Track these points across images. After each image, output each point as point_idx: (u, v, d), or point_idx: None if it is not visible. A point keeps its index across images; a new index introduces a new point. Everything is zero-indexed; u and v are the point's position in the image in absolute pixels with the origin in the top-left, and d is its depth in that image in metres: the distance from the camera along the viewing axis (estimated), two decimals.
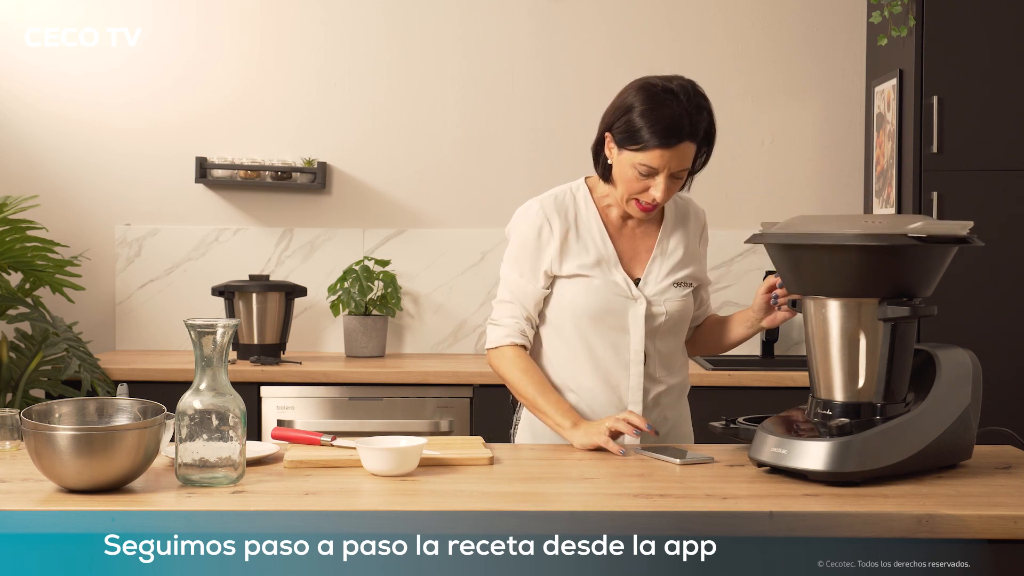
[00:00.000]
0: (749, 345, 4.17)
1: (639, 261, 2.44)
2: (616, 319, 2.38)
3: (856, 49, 4.21)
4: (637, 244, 2.45)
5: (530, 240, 2.40)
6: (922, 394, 2.09)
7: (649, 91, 2.31)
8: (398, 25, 4.22)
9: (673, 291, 2.42)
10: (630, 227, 2.45)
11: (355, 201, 4.23)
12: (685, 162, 2.29)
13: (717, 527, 1.81)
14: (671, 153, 2.26)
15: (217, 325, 1.97)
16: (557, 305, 2.41)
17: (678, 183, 2.33)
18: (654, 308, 2.39)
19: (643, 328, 2.39)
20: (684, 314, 2.45)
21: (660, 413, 2.45)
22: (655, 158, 2.26)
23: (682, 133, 2.26)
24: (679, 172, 2.30)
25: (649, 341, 2.40)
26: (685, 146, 2.27)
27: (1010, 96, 3.66)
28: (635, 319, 2.39)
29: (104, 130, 4.22)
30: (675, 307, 2.42)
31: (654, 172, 2.28)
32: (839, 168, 4.24)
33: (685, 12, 4.23)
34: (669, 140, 2.25)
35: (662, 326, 2.41)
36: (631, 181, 2.31)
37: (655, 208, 2.34)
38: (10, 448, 2.25)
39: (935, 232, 2.00)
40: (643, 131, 2.26)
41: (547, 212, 2.39)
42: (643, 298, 2.39)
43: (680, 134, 2.26)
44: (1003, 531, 1.80)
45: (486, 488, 1.97)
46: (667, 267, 2.43)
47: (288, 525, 1.80)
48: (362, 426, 3.62)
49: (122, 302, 4.21)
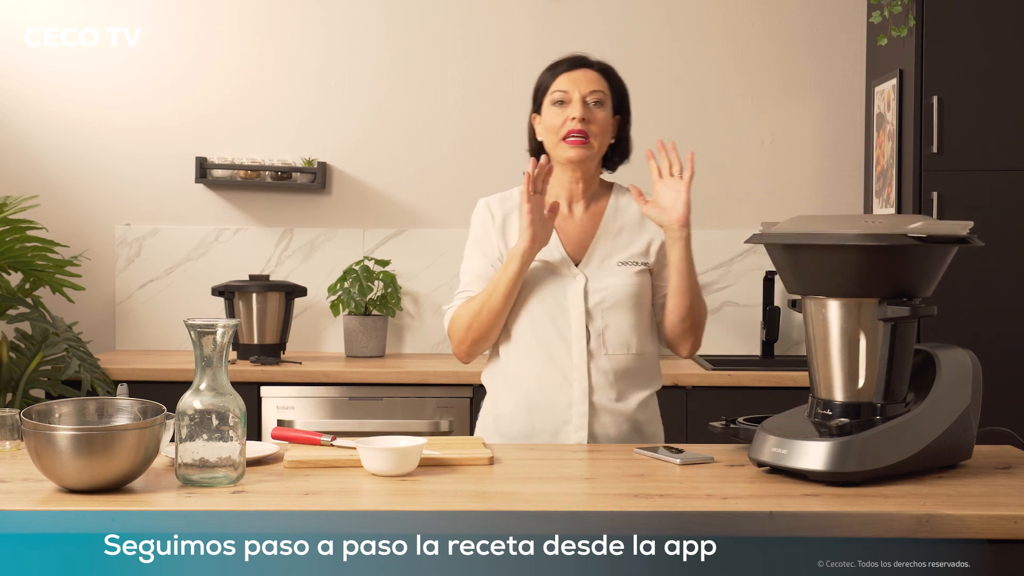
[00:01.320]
0: (749, 345, 4.17)
1: (583, 247, 2.49)
2: (556, 297, 2.43)
3: (856, 49, 4.21)
4: (584, 232, 2.50)
5: (476, 230, 2.54)
6: (922, 394, 2.09)
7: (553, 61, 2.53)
8: (398, 25, 4.23)
9: (617, 268, 2.45)
10: (576, 216, 2.51)
11: (355, 201, 4.23)
12: (593, 86, 2.44)
13: (717, 527, 1.81)
14: (576, 75, 2.44)
15: (217, 325, 1.97)
16: None
17: (596, 113, 2.43)
18: (592, 284, 2.43)
19: (582, 305, 2.42)
20: (630, 292, 2.44)
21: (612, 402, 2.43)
22: (562, 82, 2.44)
23: (582, 62, 2.47)
24: (591, 96, 2.43)
25: (590, 319, 2.42)
26: (589, 73, 2.46)
27: (1010, 96, 3.66)
28: (573, 296, 2.43)
29: (104, 130, 4.22)
30: (617, 282, 2.43)
31: (567, 97, 2.43)
32: (839, 168, 4.24)
33: (685, 12, 4.23)
34: (571, 65, 2.46)
35: (603, 303, 2.42)
36: (552, 119, 2.44)
37: (586, 140, 2.42)
38: (10, 448, 2.25)
39: (935, 232, 2.00)
40: (546, 75, 2.49)
41: (490, 205, 2.54)
42: (581, 275, 2.44)
43: (578, 61, 2.47)
44: (1003, 531, 1.80)
45: (486, 488, 1.97)
46: (611, 247, 2.47)
47: (288, 525, 1.80)
48: (362, 426, 3.62)
49: (122, 302, 4.21)
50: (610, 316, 2.43)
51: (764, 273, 4.00)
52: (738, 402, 3.52)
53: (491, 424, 2.51)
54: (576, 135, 2.41)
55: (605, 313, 2.43)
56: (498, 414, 2.49)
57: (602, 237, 2.48)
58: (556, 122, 2.43)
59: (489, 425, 2.52)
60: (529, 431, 2.43)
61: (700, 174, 4.22)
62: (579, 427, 2.41)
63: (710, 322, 4.19)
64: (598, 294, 2.43)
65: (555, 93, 2.44)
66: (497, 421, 2.49)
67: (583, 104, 2.41)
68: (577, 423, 2.41)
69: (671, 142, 2.47)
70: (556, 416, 2.42)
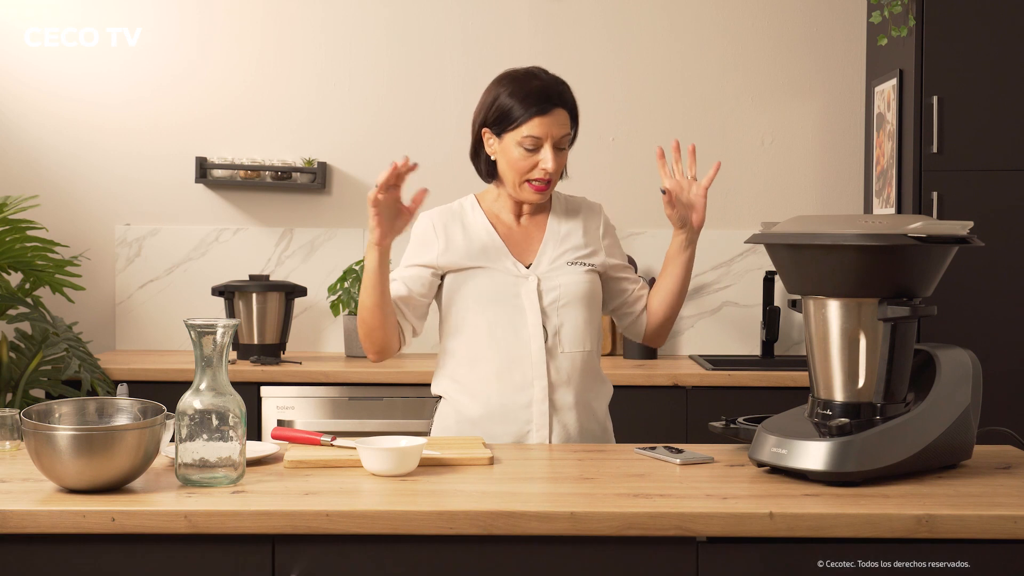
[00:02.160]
0: (749, 345, 4.17)
1: (531, 252, 2.49)
2: (510, 299, 2.42)
3: (856, 49, 4.21)
4: (530, 238, 2.50)
5: (415, 241, 2.51)
6: (922, 394, 2.09)
7: (511, 76, 2.45)
8: (398, 25, 4.23)
9: (567, 268, 2.46)
10: (521, 227, 2.51)
11: (355, 201, 4.23)
12: (564, 129, 2.40)
13: (717, 527, 1.81)
14: (550, 119, 2.37)
15: (217, 325, 1.97)
16: (457, 301, 2.46)
17: (563, 156, 2.42)
18: (545, 284, 2.44)
19: (537, 304, 2.42)
20: (584, 290, 2.45)
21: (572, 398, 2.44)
22: (535, 127, 2.36)
23: (553, 99, 2.38)
24: (560, 141, 2.39)
25: (546, 317, 2.42)
26: (559, 113, 2.39)
27: (1010, 96, 3.66)
28: (528, 295, 2.42)
29: (104, 130, 4.22)
30: (569, 280, 2.45)
31: (539, 143, 2.38)
32: (839, 168, 4.24)
33: (685, 12, 4.23)
34: (543, 106, 2.37)
35: (558, 301, 2.43)
36: (519, 161, 2.39)
37: (548, 187, 2.41)
38: (10, 448, 2.25)
39: (935, 232, 2.00)
40: (516, 107, 2.38)
41: (432, 218, 2.51)
42: (533, 276, 2.45)
43: (551, 100, 2.38)
44: (1003, 531, 1.81)
45: (486, 488, 1.97)
46: (559, 250, 2.48)
47: (288, 525, 1.80)
48: (362, 426, 3.62)
49: (122, 302, 4.21)
50: (565, 313, 2.44)
51: (764, 273, 4.06)
52: (738, 402, 3.52)
53: (453, 429, 2.48)
54: (541, 182, 2.40)
55: (560, 311, 2.44)
56: (460, 419, 2.46)
57: (549, 241, 2.49)
58: (523, 166, 2.39)
59: (451, 429, 2.48)
60: (491, 435, 2.42)
61: (701, 174, 4.24)
62: (540, 426, 2.41)
63: (710, 322, 4.22)
64: (552, 292, 2.44)
65: (527, 138, 2.37)
66: (460, 426, 2.47)
67: (554, 151, 2.38)
68: (538, 422, 2.41)
69: (690, 145, 2.49)
70: (518, 416, 2.42)
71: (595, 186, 4.07)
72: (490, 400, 2.42)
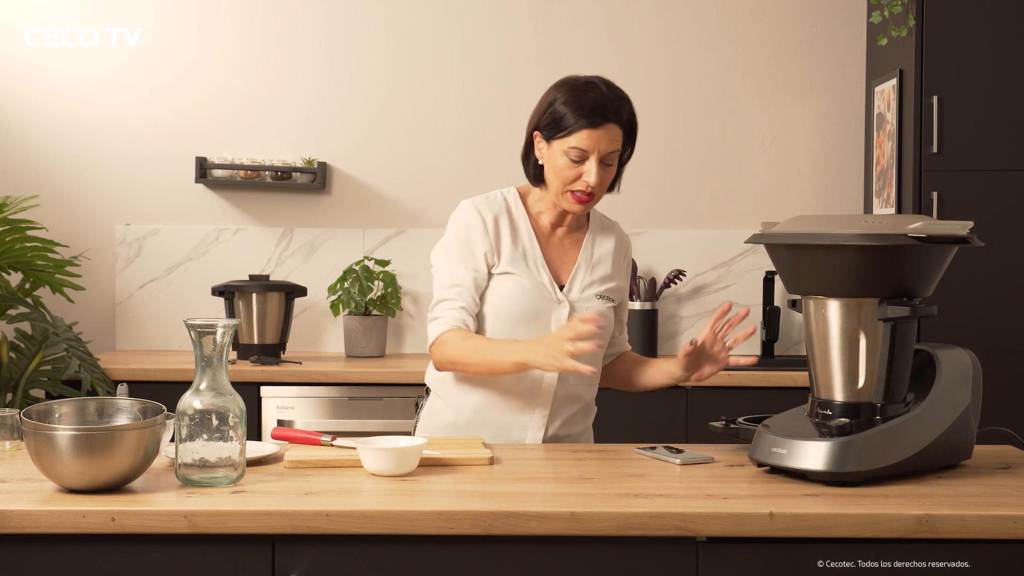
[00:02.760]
0: (749, 345, 4.17)
1: (564, 270, 2.45)
2: (540, 322, 2.38)
3: (856, 49, 4.21)
4: (564, 254, 2.46)
5: (464, 235, 2.40)
6: (922, 394, 2.09)
7: (570, 84, 2.38)
8: (398, 25, 4.23)
9: (596, 302, 2.43)
10: (558, 236, 2.47)
11: (355, 201, 4.23)
12: (614, 145, 2.34)
13: (717, 527, 1.81)
14: (599, 133, 2.31)
15: (217, 325, 1.97)
16: (489, 306, 2.41)
17: (609, 171, 2.36)
18: (575, 314, 2.38)
19: None
20: (607, 326, 2.43)
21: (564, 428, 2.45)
22: (583, 139, 2.31)
23: (607, 114, 2.32)
24: (608, 156, 2.34)
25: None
26: (611, 128, 2.33)
27: (1010, 96, 3.66)
28: (557, 323, 2.38)
29: (104, 130, 4.22)
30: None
31: (585, 156, 2.32)
32: (839, 168, 4.24)
33: (685, 12, 4.23)
34: (595, 119, 2.31)
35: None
36: (563, 170, 2.34)
37: (591, 199, 2.36)
38: (10, 448, 2.24)
39: (935, 232, 2.00)
40: (568, 116, 2.32)
41: (480, 209, 2.42)
42: (567, 302, 2.41)
43: (605, 114, 2.32)
44: (1003, 531, 1.81)
45: (486, 488, 1.97)
46: (590, 278, 2.45)
47: (288, 525, 1.80)
48: (362, 426, 3.62)
49: (122, 302, 4.21)
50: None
51: (764, 273, 4.06)
52: (738, 402, 3.52)
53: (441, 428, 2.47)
54: (583, 194, 2.35)
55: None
56: (449, 419, 2.46)
57: (582, 265, 2.46)
58: (567, 176, 2.34)
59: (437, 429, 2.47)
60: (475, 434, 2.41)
61: (701, 174, 4.24)
62: (533, 439, 2.41)
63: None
64: None
65: (573, 149, 2.31)
66: (446, 429, 2.46)
67: (599, 166, 2.32)
68: (532, 437, 2.41)
69: (744, 309, 2.40)
70: (509, 434, 2.41)
71: None
72: (488, 415, 2.41)
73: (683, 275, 4.11)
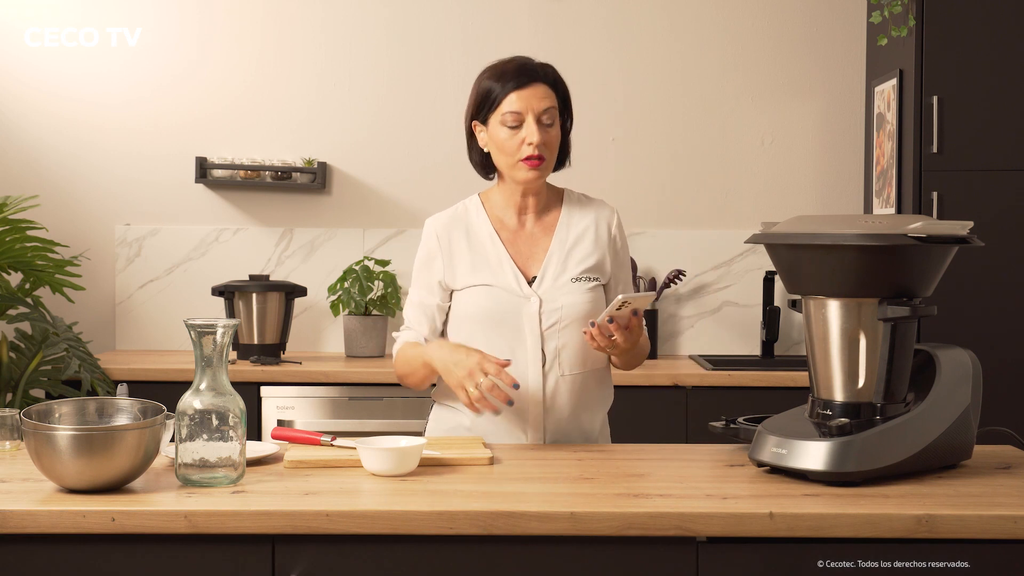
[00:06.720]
0: (749, 345, 4.17)
1: (536, 261, 2.43)
2: (511, 321, 2.37)
3: (856, 49, 4.21)
4: (535, 246, 2.44)
5: (422, 257, 2.47)
6: (922, 394, 2.09)
7: (491, 65, 2.43)
8: (398, 25, 4.23)
9: (570, 286, 2.40)
10: (528, 228, 2.45)
11: (355, 201, 4.23)
12: (546, 102, 2.36)
13: (717, 527, 1.81)
14: (527, 92, 2.34)
15: (217, 325, 1.97)
16: (457, 318, 2.42)
17: (551, 133, 2.37)
18: (547, 306, 2.38)
19: (538, 328, 2.37)
20: (584, 310, 2.39)
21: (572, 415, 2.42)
22: (514, 101, 2.34)
23: (532, 73, 2.36)
24: (544, 115, 2.35)
25: (545, 341, 2.37)
26: (539, 87, 2.36)
27: (1010, 96, 3.66)
28: (529, 319, 2.37)
29: (104, 130, 4.22)
30: (571, 301, 2.39)
31: (520, 118, 2.35)
32: (839, 168, 4.24)
33: (685, 12, 4.23)
34: (521, 79, 2.35)
35: (558, 324, 2.38)
36: (506, 141, 2.36)
37: (541, 162, 2.36)
38: (10, 448, 2.25)
39: (935, 232, 2.00)
40: (495, 87, 2.37)
41: (436, 230, 2.46)
42: (535, 296, 2.39)
43: (530, 74, 2.36)
44: (1003, 531, 1.81)
45: (486, 488, 1.97)
46: (564, 263, 2.42)
47: (288, 525, 1.80)
48: (362, 426, 3.62)
49: (122, 302, 4.21)
50: (565, 335, 2.38)
51: (764, 273, 4.06)
52: (738, 402, 3.52)
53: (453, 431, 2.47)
54: (532, 158, 2.35)
55: (560, 333, 2.38)
56: (454, 424, 2.46)
57: (555, 252, 2.43)
58: (511, 145, 2.35)
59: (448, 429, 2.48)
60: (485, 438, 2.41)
61: (701, 174, 4.24)
62: (534, 440, 2.40)
63: (710, 322, 4.21)
64: (553, 315, 2.38)
65: (507, 115, 2.34)
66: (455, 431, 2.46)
67: (538, 125, 2.34)
68: (533, 437, 2.40)
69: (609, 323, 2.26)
70: (512, 433, 2.41)
71: (595, 186, 4.05)
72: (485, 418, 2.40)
73: (683, 275, 4.11)
